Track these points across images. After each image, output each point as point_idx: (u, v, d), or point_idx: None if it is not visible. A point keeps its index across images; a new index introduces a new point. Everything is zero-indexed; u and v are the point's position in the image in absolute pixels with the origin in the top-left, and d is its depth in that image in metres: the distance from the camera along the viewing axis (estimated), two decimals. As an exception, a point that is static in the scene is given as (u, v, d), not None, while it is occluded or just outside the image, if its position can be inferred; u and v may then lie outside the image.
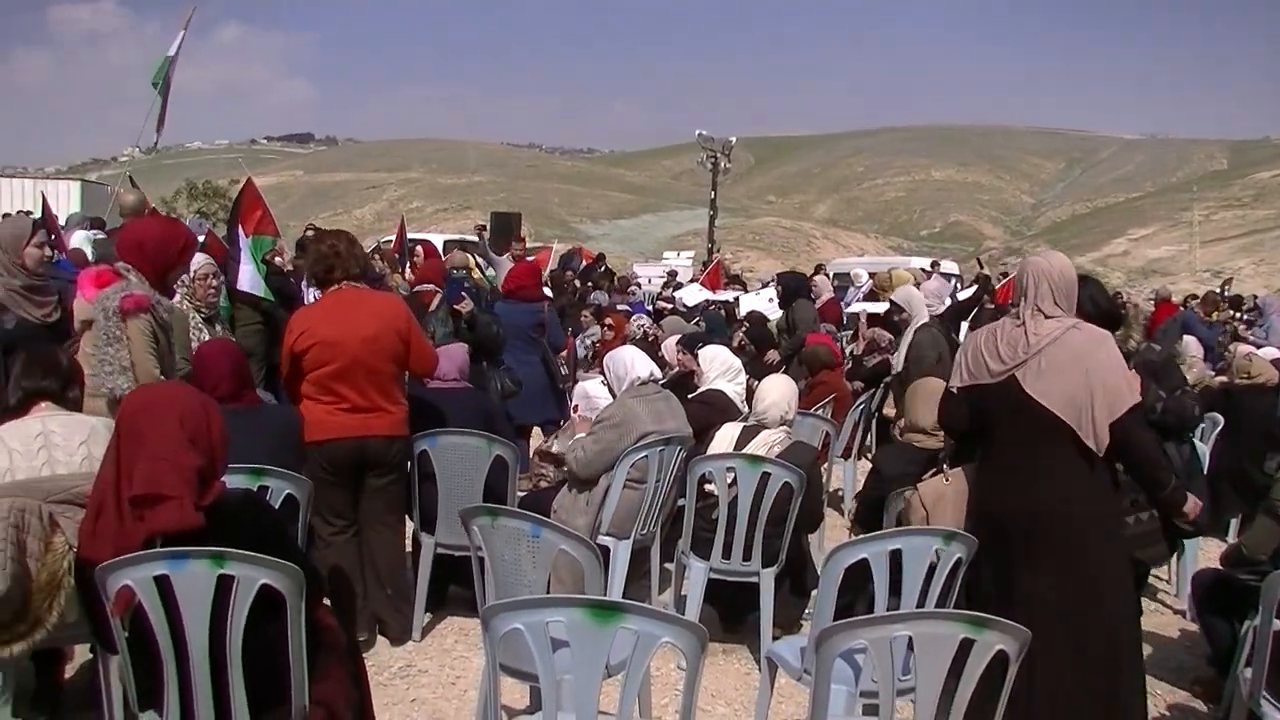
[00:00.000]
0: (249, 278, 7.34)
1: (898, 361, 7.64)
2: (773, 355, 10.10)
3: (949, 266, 29.35)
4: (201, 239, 10.08)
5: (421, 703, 4.65)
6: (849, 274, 18.46)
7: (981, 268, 29.27)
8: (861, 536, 3.90)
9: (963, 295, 12.74)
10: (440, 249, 14.63)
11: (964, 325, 9.16)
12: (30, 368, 3.97)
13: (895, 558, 3.73)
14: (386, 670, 4.91)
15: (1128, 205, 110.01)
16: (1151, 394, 4.20)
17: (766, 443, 5.19)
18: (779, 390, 5.41)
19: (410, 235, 16.83)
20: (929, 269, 20.77)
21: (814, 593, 5.70)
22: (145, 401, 3.00)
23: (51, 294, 5.16)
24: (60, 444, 3.79)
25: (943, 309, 9.03)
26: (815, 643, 2.88)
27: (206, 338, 5.31)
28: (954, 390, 4.06)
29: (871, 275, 14.59)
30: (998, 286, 14.42)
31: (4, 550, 3.42)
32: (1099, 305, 4.42)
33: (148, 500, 2.83)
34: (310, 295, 8.28)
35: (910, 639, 2.91)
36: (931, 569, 3.71)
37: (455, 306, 7.23)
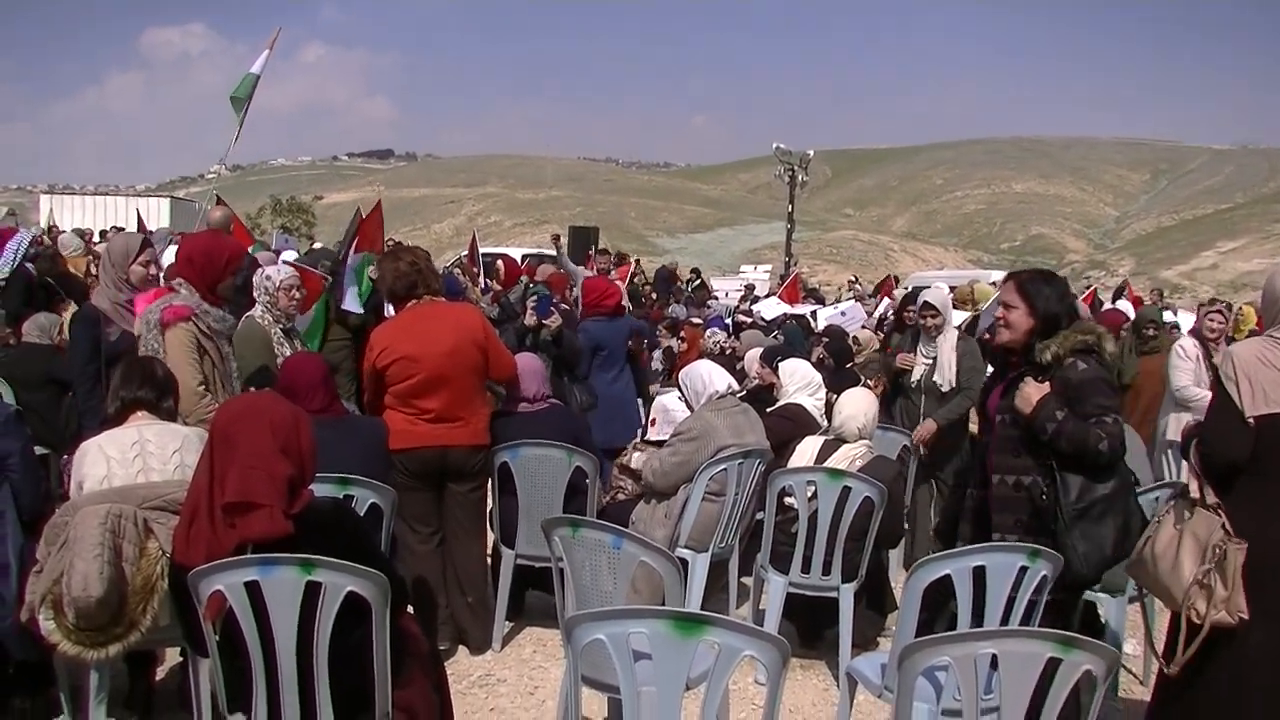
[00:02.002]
0: (350, 296, 7.47)
1: (945, 371, 6.94)
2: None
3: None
4: (293, 254, 10.32)
5: (500, 712, 4.68)
6: (929, 288, 18.21)
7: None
8: (944, 552, 3.84)
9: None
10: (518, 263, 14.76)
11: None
12: (128, 378, 4.09)
13: (978, 574, 3.68)
14: (466, 679, 4.95)
15: (1217, 217, 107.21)
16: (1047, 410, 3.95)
17: (848, 457, 5.16)
18: (856, 403, 5.37)
19: (488, 250, 17.04)
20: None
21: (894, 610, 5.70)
22: (238, 411, 3.08)
23: None
24: (155, 452, 3.90)
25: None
26: (898, 659, 2.85)
27: (287, 351, 5.38)
28: (1249, 419, 3.42)
29: (952, 289, 14.39)
30: (1081, 298, 14.11)
31: (101, 555, 3.53)
32: (1051, 305, 4.04)
33: (240, 508, 2.91)
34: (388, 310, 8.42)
35: (994, 657, 2.86)
36: (1016, 586, 3.66)
37: (544, 322, 7.28)
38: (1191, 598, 3.39)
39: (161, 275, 5.50)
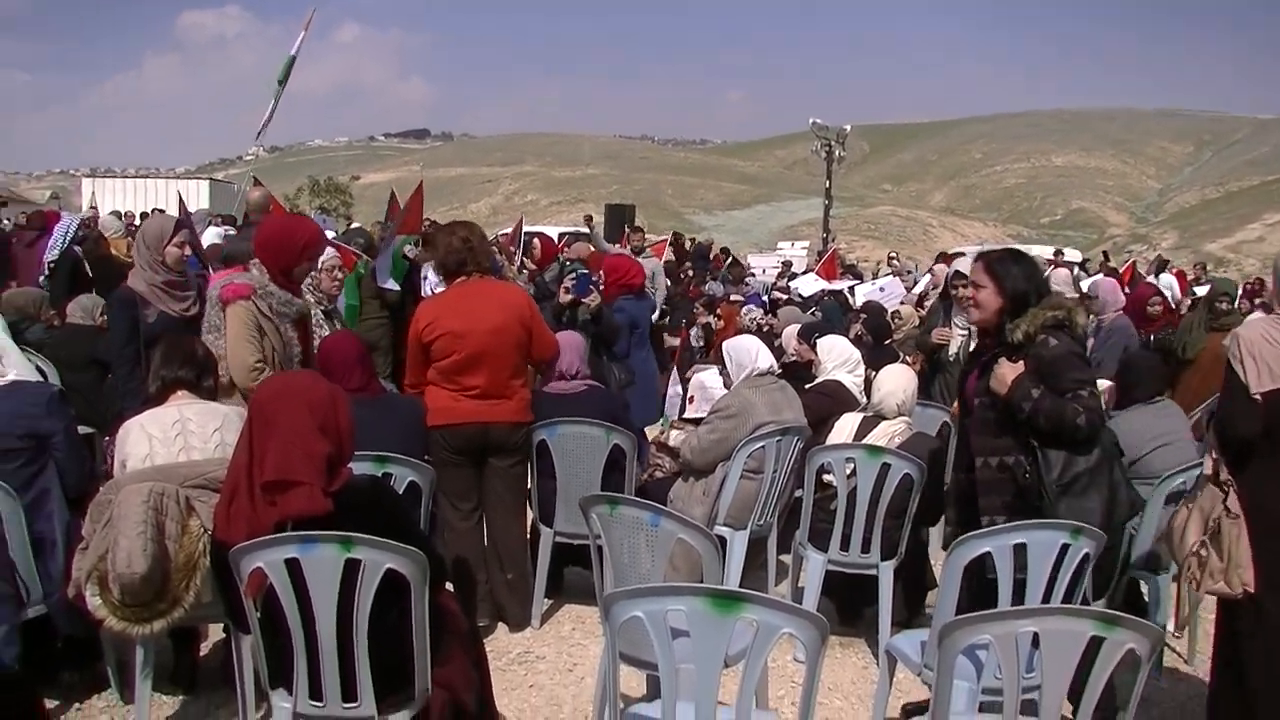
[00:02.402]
0: (384, 273, 7.52)
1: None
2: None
3: (1072, 254, 28.54)
4: (330, 234, 10.37)
5: (539, 688, 4.70)
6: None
7: (1107, 258, 28.47)
8: (984, 530, 3.80)
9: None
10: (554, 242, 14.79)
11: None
12: (169, 358, 4.13)
13: (1019, 552, 3.65)
14: (505, 656, 4.97)
15: (1263, 189, 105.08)
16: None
17: (887, 433, 5.12)
18: (895, 379, 5.33)
19: (527, 229, 17.06)
20: (1052, 258, 20.25)
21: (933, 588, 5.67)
22: (276, 390, 3.10)
23: (190, 289, 5.33)
24: (196, 431, 3.94)
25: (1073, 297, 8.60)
26: (938, 637, 2.82)
27: (326, 332, 5.41)
28: (1255, 395, 3.47)
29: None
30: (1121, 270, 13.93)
31: (144, 533, 3.58)
32: (1019, 284, 4.01)
33: (279, 486, 2.93)
34: (428, 287, 8.46)
35: (1036, 635, 2.83)
36: (1057, 564, 3.62)
37: (583, 300, 7.28)
38: (1191, 567, 3.53)
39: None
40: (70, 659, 4.36)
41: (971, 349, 5.45)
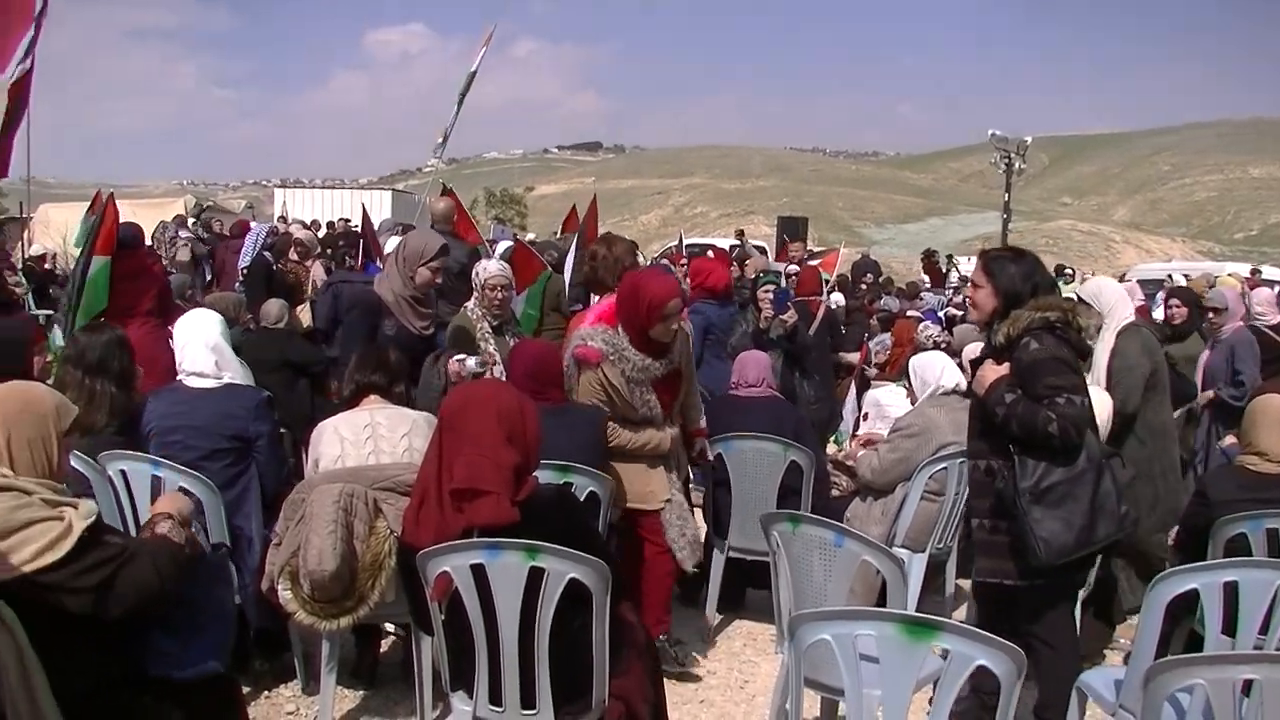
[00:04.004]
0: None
1: (1096, 370, 5.71)
2: None
3: (1271, 272, 26.87)
4: (508, 244, 10.61)
5: (710, 704, 4.66)
6: (1160, 280, 17.32)
7: (1310, 276, 26.71)
8: (1191, 565, 3.58)
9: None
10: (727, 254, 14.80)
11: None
12: (363, 363, 4.27)
13: (1229, 591, 3.41)
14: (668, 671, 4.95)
15: None
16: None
17: (1079, 460, 4.88)
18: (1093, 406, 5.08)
19: (693, 240, 17.16)
20: (1249, 275, 19.16)
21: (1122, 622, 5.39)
22: (466, 399, 3.15)
23: (432, 309, 5.44)
24: (385, 435, 4.05)
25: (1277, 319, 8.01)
26: (1144, 678, 2.65)
27: (493, 348, 5.36)
28: None
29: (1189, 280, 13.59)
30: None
31: (335, 532, 3.70)
32: (1013, 284, 3.87)
33: (467, 494, 2.97)
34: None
35: (1249, 683, 2.62)
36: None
37: (781, 317, 7.22)
38: None
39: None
40: (261, 649, 4.53)
41: None
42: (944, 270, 23.52)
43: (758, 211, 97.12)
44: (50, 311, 10.66)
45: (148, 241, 10.23)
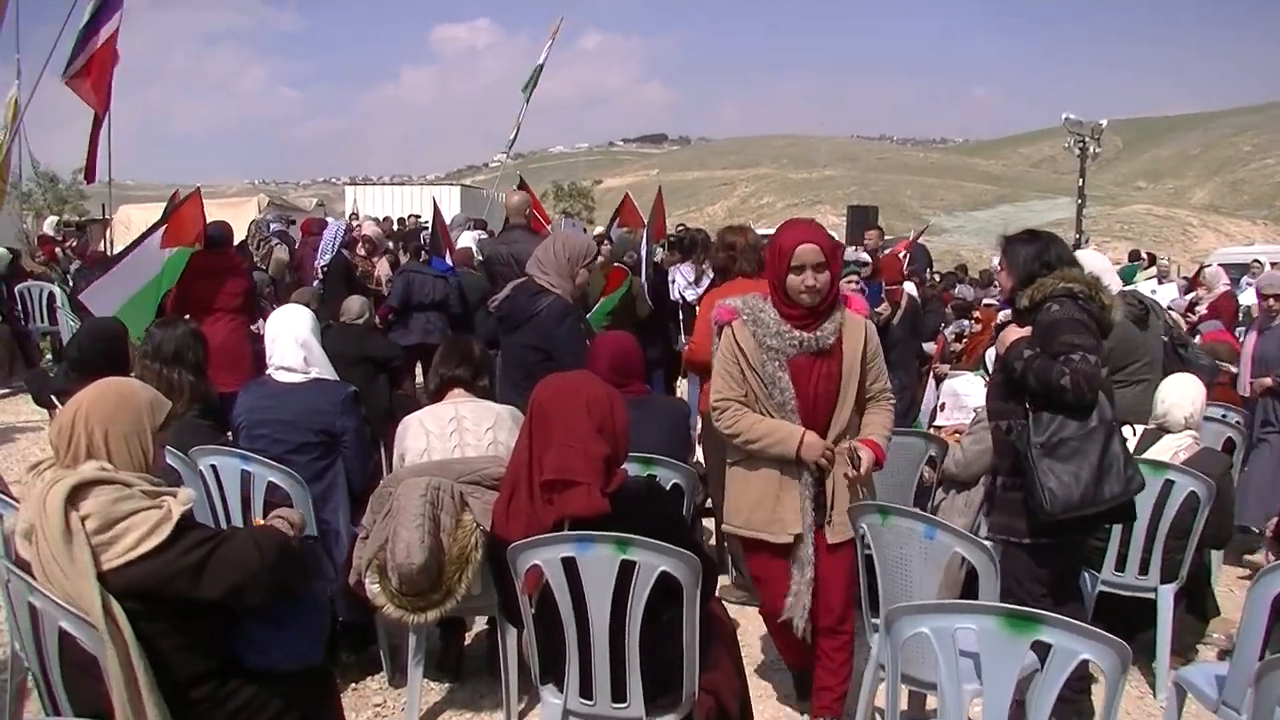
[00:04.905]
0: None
1: None
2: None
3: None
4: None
5: (790, 699, 4.61)
6: (1246, 264, 16.87)
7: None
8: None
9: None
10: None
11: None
12: (447, 357, 4.30)
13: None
14: (755, 661, 4.92)
15: None
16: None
17: (1171, 448, 4.78)
18: (1181, 390, 4.96)
19: (763, 231, 17.08)
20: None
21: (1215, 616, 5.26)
22: (554, 390, 3.14)
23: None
24: (470, 428, 4.08)
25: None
26: (1255, 676, 2.58)
27: None
28: None
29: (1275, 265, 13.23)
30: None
31: (422, 525, 3.72)
32: (1027, 266, 4.09)
33: (558, 485, 2.97)
34: (675, 290, 8.57)
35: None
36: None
37: (876, 310, 7.17)
38: None
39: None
40: (348, 641, 4.58)
41: None
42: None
43: (825, 201, 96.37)
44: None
45: (239, 239, 10.46)
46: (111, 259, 7.81)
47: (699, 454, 5.62)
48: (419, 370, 8.53)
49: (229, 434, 4.57)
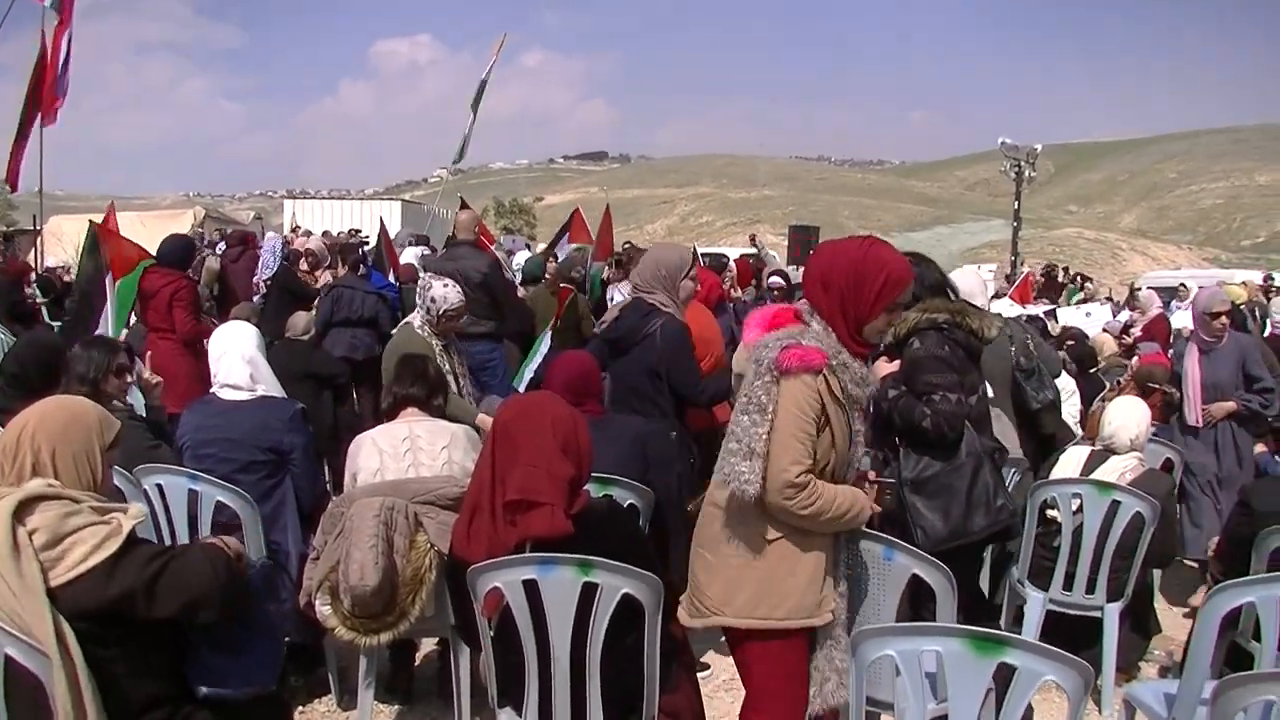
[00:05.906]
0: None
1: None
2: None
3: (1282, 280, 26.73)
4: (525, 254, 10.62)
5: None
6: (1174, 287, 17.31)
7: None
8: (1251, 578, 3.53)
9: None
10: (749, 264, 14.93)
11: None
12: (401, 376, 4.23)
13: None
14: (712, 682, 4.90)
15: None
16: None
17: (1117, 469, 4.85)
18: (1128, 413, 5.04)
19: (704, 249, 17.24)
20: (1263, 283, 19.09)
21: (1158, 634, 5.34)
22: (519, 410, 3.10)
23: None
24: (425, 448, 4.02)
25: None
26: (1214, 694, 2.60)
27: (448, 367, 5.08)
28: None
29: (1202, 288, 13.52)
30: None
31: (376, 546, 3.65)
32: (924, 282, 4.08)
33: (521, 506, 2.92)
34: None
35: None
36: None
37: None
38: None
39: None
40: (296, 663, 4.49)
41: None
42: (1066, 283, 23.43)
43: (764, 220, 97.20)
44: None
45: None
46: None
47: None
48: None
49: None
